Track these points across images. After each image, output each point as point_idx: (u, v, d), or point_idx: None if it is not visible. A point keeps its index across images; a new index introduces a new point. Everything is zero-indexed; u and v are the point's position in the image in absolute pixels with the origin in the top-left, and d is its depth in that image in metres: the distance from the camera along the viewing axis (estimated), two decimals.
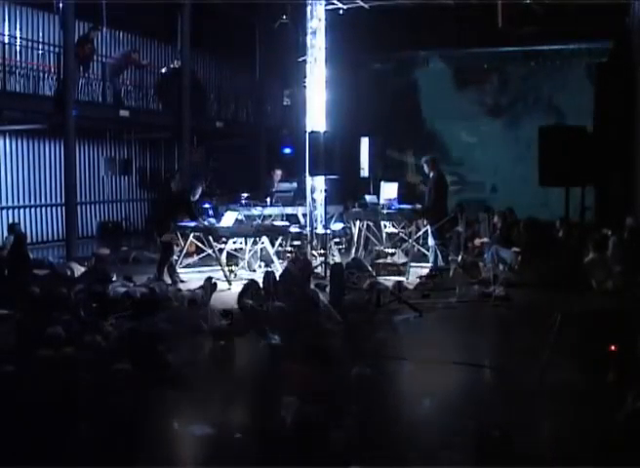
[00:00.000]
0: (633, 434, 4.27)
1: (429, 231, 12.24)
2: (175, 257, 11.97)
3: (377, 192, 13.84)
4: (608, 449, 4.25)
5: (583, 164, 6.48)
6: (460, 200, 18.75)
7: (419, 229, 12.86)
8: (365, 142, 14.25)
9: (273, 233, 12.65)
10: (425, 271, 11.73)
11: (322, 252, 12.50)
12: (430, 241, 12.27)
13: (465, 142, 19.76)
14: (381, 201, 13.35)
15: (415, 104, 20.40)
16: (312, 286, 10.37)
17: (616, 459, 4.16)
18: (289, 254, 12.84)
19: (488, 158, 19.57)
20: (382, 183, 13.85)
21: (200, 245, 12.60)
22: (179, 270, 12.01)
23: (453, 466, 4.80)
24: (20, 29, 15.55)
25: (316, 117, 13.47)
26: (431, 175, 12.09)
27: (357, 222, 13.62)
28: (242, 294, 9.15)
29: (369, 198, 13.78)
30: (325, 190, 13.17)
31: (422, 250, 13.00)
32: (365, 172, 14.27)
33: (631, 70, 15.10)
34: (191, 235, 12.31)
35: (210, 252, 12.17)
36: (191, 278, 11.72)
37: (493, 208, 16.03)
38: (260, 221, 13.26)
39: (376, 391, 5.37)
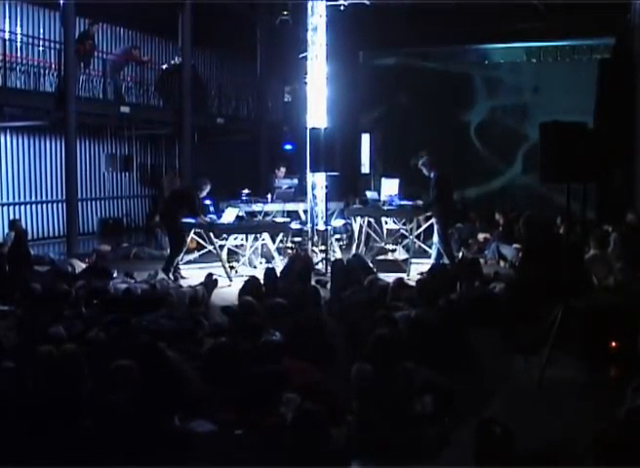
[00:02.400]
0: (633, 431, 4.26)
1: (436, 229, 12.18)
2: None
3: (377, 188, 13.84)
4: (608, 447, 4.25)
5: (585, 160, 6.48)
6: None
7: (420, 226, 12.85)
8: (366, 139, 14.24)
9: (274, 229, 12.65)
10: (426, 267, 11.70)
11: (323, 248, 12.51)
12: (435, 238, 12.24)
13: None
14: (382, 197, 13.34)
15: None
16: (313, 282, 10.40)
17: (615, 457, 4.16)
18: (290, 251, 12.85)
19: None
20: (383, 179, 13.85)
21: (201, 241, 12.60)
22: (180, 266, 12.02)
23: (453, 466, 4.81)
24: (21, 26, 15.58)
25: (317, 113, 13.47)
26: (432, 174, 12.00)
27: (358, 219, 13.61)
28: (243, 291, 9.16)
29: (370, 194, 13.77)
30: (326, 186, 13.17)
31: (424, 246, 13.00)
32: (366, 168, 14.27)
33: (633, 67, 15.08)
34: (192, 231, 12.32)
35: (211, 248, 12.17)
36: (192, 274, 11.73)
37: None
38: (260, 218, 13.27)
39: (376, 388, 5.36)
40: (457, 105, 19.68)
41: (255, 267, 12.28)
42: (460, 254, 13.00)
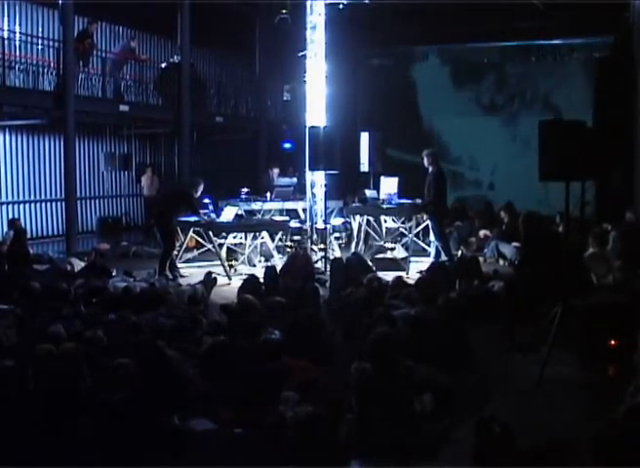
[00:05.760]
0: (633, 431, 4.26)
1: (430, 226, 12.23)
2: (175, 252, 11.98)
3: (376, 187, 13.83)
4: (607, 446, 4.25)
5: (583, 158, 6.48)
6: (457, 197, 18.79)
7: (419, 224, 12.85)
8: (365, 137, 14.23)
9: (273, 228, 12.65)
10: (426, 266, 11.70)
11: (322, 246, 12.50)
12: (432, 236, 12.26)
13: (463, 139, 19.55)
14: (381, 196, 13.34)
15: (413, 101, 20.37)
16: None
17: (615, 457, 4.16)
18: (289, 249, 12.85)
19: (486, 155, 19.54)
20: (382, 178, 13.84)
21: (200, 240, 12.61)
22: (178, 265, 12.02)
23: (453, 466, 4.81)
24: (20, 24, 15.55)
25: (316, 112, 13.46)
26: (430, 169, 12.05)
27: (357, 217, 13.61)
28: (242, 289, 9.16)
29: (369, 193, 13.77)
30: (325, 185, 13.16)
31: (423, 244, 13.00)
32: (365, 166, 14.26)
33: (631, 65, 15.08)
34: (191, 230, 12.32)
35: (210, 246, 12.17)
36: (191, 273, 11.75)
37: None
38: (260, 216, 13.27)
39: (376, 387, 5.36)
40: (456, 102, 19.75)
41: (254, 266, 12.28)
42: (460, 253, 13.01)
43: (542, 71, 19.01)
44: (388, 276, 10.06)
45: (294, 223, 13.27)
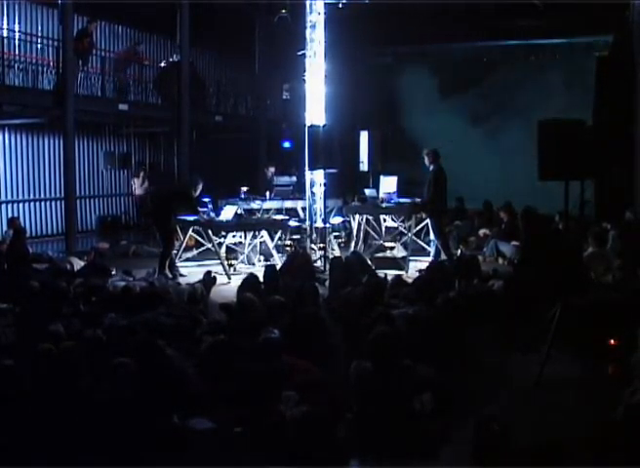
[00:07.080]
0: (631, 429, 4.27)
1: (430, 225, 12.23)
2: (174, 252, 11.98)
3: (376, 186, 13.82)
4: (607, 446, 4.25)
5: (583, 157, 6.48)
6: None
7: (418, 223, 12.84)
8: (364, 136, 14.23)
9: (273, 227, 12.65)
10: (425, 265, 11.70)
11: (321, 245, 12.49)
12: (432, 235, 12.27)
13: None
14: (381, 195, 13.34)
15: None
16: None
17: (615, 456, 4.16)
18: (288, 248, 12.85)
19: None
20: (382, 177, 13.84)
21: (199, 239, 12.60)
22: (178, 264, 12.02)
23: (453, 466, 4.81)
24: (19, 23, 15.55)
25: (315, 111, 13.45)
26: (431, 167, 12.05)
27: (356, 216, 13.61)
28: (241, 288, 9.15)
29: (368, 192, 13.77)
30: (324, 184, 13.15)
31: (422, 243, 13.00)
32: (364, 165, 14.25)
33: (631, 64, 15.09)
34: (190, 229, 12.31)
35: (209, 246, 12.17)
36: (191, 272, 11.74)
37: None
38: (259, 215, 13.27)
39: (375, 386, 5.36)
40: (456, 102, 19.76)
41: (253, 265, 12.29)
42: (459, 252, 13.01)
43: (542, 70, 19.00)
44: (388, 275, 10.05)
45: (293, 222, 13.27)
